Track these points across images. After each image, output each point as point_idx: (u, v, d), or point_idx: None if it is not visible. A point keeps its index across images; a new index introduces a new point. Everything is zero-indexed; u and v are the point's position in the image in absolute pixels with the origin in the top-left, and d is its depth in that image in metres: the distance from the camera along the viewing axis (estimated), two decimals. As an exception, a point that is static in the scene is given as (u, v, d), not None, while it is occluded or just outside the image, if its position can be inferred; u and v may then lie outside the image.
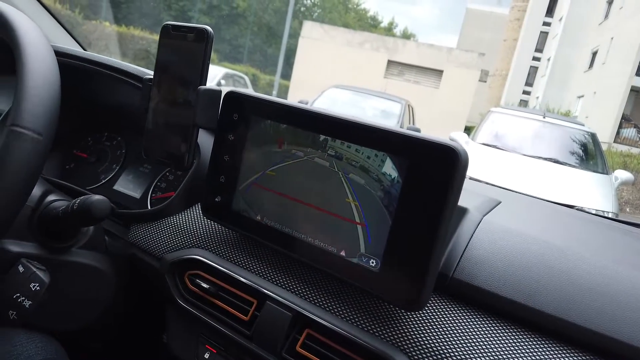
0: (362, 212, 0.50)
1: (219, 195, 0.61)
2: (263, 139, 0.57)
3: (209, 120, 0.61)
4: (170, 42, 0.64)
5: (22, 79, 0.47)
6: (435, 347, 0.48)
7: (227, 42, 20.94)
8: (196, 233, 0.66)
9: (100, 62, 0.81)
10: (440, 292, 0.52)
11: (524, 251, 0.54)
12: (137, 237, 0.70)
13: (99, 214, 0.55)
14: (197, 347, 0.64)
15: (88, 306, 0.66)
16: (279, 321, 0.54)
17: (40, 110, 0.46)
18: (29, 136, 0.45)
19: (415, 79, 16.43)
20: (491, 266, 0.52)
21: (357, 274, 0.50)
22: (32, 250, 0.58)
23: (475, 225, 0.57)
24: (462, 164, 0.44)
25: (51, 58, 0.51)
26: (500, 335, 0.48)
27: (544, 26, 35.19)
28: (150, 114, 0.66)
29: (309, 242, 0.54)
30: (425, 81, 16.34)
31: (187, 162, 0.63)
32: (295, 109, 0.55)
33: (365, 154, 0.50)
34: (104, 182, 0.88)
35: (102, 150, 0.93)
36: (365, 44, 16.72)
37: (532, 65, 36.17)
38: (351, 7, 39.86)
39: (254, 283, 0.58)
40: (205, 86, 0.60)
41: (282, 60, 15.19)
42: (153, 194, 0.84)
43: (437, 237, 0.45)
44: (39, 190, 0.61)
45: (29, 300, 0.52)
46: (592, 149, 4.58)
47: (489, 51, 38.57)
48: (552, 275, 0.50)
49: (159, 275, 0.64)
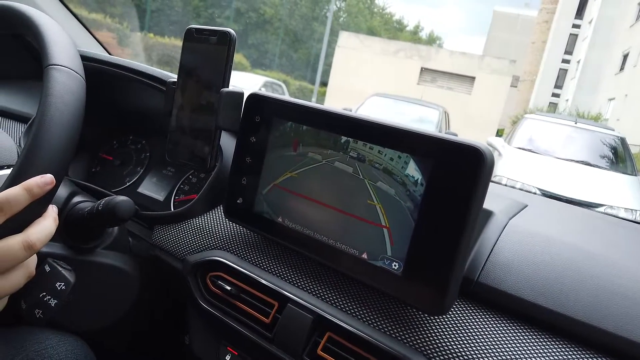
0: (385, 214, 0.49)
1: (240, 197, 0.61)
2: (285, 140, 0.57)
3: (231, 122, 0.61)
4: (194, 46, 0.64)
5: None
6: (460, 352, 0.46)
7: (255, 47, 21.17)
8: (218, 235, 0.66)
9: (125, 65, 0.82)
10: (465, 297, 0.51)
11: (552, 255, 0.52)
12: (160, 239, 0.70)
13: (123, 215, 0.55)
14: (218, 349, 0.64)
15: (111, 306, 0.66)
16: (300, 324, 0.54)
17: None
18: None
19: (448, 86, 17.06)
20: (518, 270, 0.50)
21: (379, 277, 0.49)
22: (58, 250, 0.59)
23: (501, 229, 0.56)
24: (487, 165, 0.43)
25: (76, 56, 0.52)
26: (527, 341, 0.46)
27: (573, 28, 34.55)
28: (174, 116, 0.67)
29: (331, 244, 0.53)
30: (457, 87, 16.94)
31: (209, 165, 0.63)
32: (317, 111, 0.55)
33: (388, 155, 0.49)
34: (128, 184, 0.90)
35: (127, 153, 0.95)
36: (400, 52, 17.50)
37: (562, 67, 35.49)
38: (377, 12, 39.82)
39: (275, 285, 0.58)
40: (228, 88, 0.60)
41: (321, 67, 15.98)
42: (176, 197, 0.85)
43: (462, 241, 0.43)
44: (65, 192, 0.63)
45: (55, 299, 0.53)
46: (622, 152, 4.80)
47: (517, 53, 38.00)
48: (581, 280, 0.49)
49: (181, 276, 0.65)
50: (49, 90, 0.48)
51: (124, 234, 0.68)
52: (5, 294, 0.46)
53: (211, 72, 0.62)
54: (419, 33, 46.75)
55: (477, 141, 0.44)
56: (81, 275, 0.59)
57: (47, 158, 0.46)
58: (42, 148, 0.46)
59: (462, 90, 16.81)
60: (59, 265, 0.56)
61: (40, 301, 0.53)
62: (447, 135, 0.46)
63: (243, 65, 15.69)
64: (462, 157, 0.44)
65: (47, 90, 0.48)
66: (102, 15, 5.15)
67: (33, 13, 0.55)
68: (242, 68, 15.02)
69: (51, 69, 0.50)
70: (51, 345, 0.60)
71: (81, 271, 0.59)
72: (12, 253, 0.44)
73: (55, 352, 0.60)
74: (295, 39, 23.54)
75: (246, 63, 16.78)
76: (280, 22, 22.71)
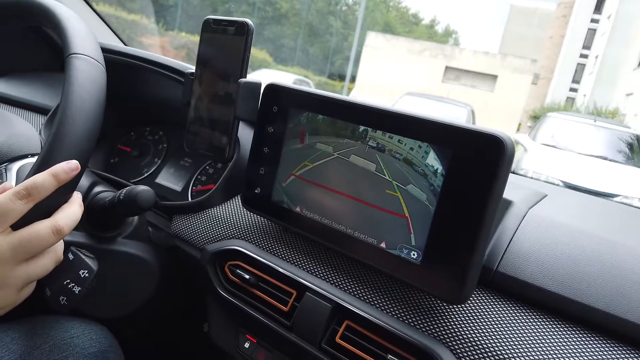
0: (405, 203, 0.49)
1: (258, 187, 0.62)
2: (303, 130, 0.57)
3: (249, 112, 0.61)
4: (212, 36, 0.64)
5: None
6: (479, 341, 0.46)
7: (271, 42, 21.18)
8: (236, 224, 0.66)
9: (143, 57, 0.83)
10: (484, 286, 0.51)
11: (572, 244, 0.52)
12: (179, 228, 0.71)
13: (144, 204, 0.56)
14: (237, 337, 0.64)
15: (132, 294, 0.68)
16: (319, 312, 0.54)
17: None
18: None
19: (471, 84, 18.04)
20: (537, 260, 0.50)
21: (397, 266, 0.49)
22: (80, 239, 0.60)
23: (521, 218, 0.55)
24: (508, 153, 0.42)
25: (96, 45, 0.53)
26: (547, 331, 0.46)
27: (591, 23, 34.13)
28: (192, 107, 0.68)
29: (349, 233, 0.53)
30: (480, 85, 17.92)
31: (228, 155, 0.63)
32: (335, 100, 0.55)
33: (408, 145, 0.49)
34: (146, 175, 0.91)
35: (144, 144, 0.96)
36: (425, 51, 18.55)
37: (580, 62, 35.06)
38: (392, 6, 39.42)
39: (294, 274, 0.58)
40: (246, 79, 0.61)
41: (351, 66, 16.68)
42: (194, 187, 0.85)
43: (482, 230, 0.43)
44: (87, 182, 0.64)
45: (79, 286, 0.54)
46: (638, 148, 5.31)
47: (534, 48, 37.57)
48: (602, 270, 0.48)
49: (200, 265, 0.66)
50: (71, 79, 0.49)
51: (144, 223, 0.69)
52: (35, 278, 0.47)
53: (229, 62, 0.63)
54: (435, 27, 46.26)
55: (497, 130, 0.44)
56: (103, 263, 0.60)
57: (72, 145, 0.47)
58: (67, 135, 0.47)
59: (484, 88, 17.69)
60: (82, 254, 0.57)
61: (65, 288, 0.54)
62: (467, 124, 0.46)
63: (267, 62, 15.77)
64: (483, 146, 0.43)
65: (69, 79, 0.49)
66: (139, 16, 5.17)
67: (52, 4, 0.56)
68: (265, 65, 15.09)
69: (73, 58, 0.50)
70: (77, 334, 0.62)
71: (103, 259, 0.60)
72: (41, 237, 0.45)
73: (81, 341, 0.61)
74: (311, 33, 23.52)
75: (270, 60, 16.89)
76: (296, 16, 22.74)
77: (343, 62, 19.72)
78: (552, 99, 32.54)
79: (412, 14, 44.06)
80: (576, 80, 35.30)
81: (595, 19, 33.91)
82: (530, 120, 18.61)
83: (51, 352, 0.58)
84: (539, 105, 24.58)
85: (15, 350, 0.57)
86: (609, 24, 28.40)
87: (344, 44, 22.78)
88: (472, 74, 18.06)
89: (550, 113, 6.37)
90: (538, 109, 20.10)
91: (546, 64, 41.55)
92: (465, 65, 18.09)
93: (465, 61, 18.14)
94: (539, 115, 16.37)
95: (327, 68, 18.59)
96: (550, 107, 20.50)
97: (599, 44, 30.28)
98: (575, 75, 35.45)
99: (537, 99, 36.85)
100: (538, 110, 19.77)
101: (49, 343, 0.59)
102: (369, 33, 19.54)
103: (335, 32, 21.33)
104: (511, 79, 17.35)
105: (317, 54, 23.04)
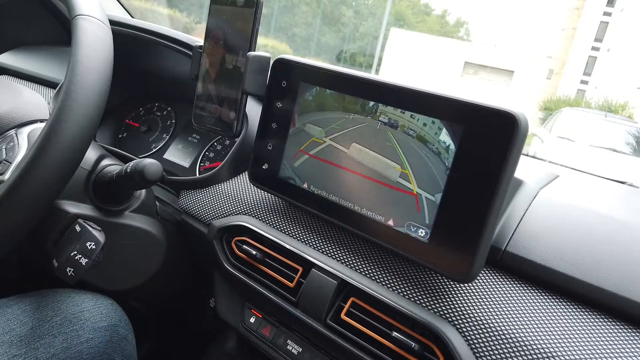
0: (414, 180, 0.48)
1: (266, 163, 0.61)
2: (311, 106, 0.57)
3: (257, 87, 0.61)
4: (221, 9, 0.63)
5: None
6: (486, 320, 0.46)
7: (283, 31, 21.06)
8: (243, 200, 0.66)
9: (150, 29, 0.82)
10: (492, 266, 0.51)
11: (583, 225, 0.51)
12: (187, 204, 0.71)
13: (152, 176, 0.56)
14: (242, 312, 0.65)
15: (139, 268, 0.68)
16: (324, 289, 0.54)
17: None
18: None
19: (488, 78, 19.26)
20: (547, 240, 0.49)
21: (405, 244, 0.49)
22: (88, 212, 0.61)
23: (532, 198, 0.55)
24: (522, 130, 0.41)
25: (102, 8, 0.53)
26: (555, 311, 0.45)
27: (604, 16, 33.67)
28: (200, 81, 0.67)
29: (357, 210, 0.53)
30: (497, 80, 19.15)
31: (236, 130, 0.63)
32: (346, 75, 0.54)
33: (421, 120, 0.48)
34: (154, 151, 0.91)
35: (152, 120, 0.95)
36: (445, 47, 19.77)
37: (591, 55, 34.67)
38: (404, -5, 38.82)
39: (300, 250, 0.58)
40: (255, 52, 0.60)
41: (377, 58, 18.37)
42: (201, 164, 0.85)
43: (492, 207, 0.43)
44: (94, 155, 0.64)
45: (85, 258, 0.54)
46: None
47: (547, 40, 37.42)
48: (613, 251, 0.47)
49: (207, 240, 0.66)
50: (79, 39, 0.48)
51: (151, 198, 0.69)
52: None
53: (238, 35, 0.62)
54: (446, 17, 45.53)
55: (511, 106, 0.43)
56: (110, 236, 0.60)
57: (84, 103, 0.46)
58: (79, 93, 0.46)
59: (501, 82, 18.90)
60: (90, 226, 0.57)
61: (72, 259, 0.54)
62: (480, 100, 0.45)
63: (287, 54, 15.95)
64: (496, 122, 0.42)
65: (76, 39, 0.49)
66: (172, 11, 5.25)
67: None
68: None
69: (79, 19, 0.50)
70: (87, 308, 0.62)
71: (110, 232, 0.60)
72: None
73: (91, 315, 0.62)
74: (324, 22, 23.36)
75: (289, 51, 16.96)
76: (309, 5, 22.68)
77: (355, 52, 20.08)
78: (562, 91, 32.31)
79: (423, 3, 43.42)
80: (587, 72, 35.10)
81: (608, 12, 33.66)
82: (540, 111, 18.83)
83: (61, 325, 0.59)
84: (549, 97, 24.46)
85: (26, 323, 0.57)
86: (621, 17, 28.23)
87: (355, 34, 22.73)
88: (489, 69, 19.16)
89: (564, 108, 7.18)
90: (547, 101, 20.20)
91: (558, 57, 41.03)
92: (484, 61, 19.16)
93: (483, 57, 19.23)
94: (549, 107, 16.77)
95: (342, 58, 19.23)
96: (560, 99, 20.71)
97: (611, 37, 30.21)
98: (587, 68, 35.19)
99: (548, 90, 36.51)
100: (547, 102, 19.85)
101: (59, 316, 0.60)
102: (392, 29, 20.63)
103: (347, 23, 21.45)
104: (527, 74, 18.31)
105: (328, 43, 22.99)
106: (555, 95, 27.00)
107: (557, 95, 27.13)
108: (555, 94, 29.03)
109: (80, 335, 0.59)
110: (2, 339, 0.55)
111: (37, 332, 0.57)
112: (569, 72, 35.59)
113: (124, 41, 0.85)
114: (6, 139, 0.59)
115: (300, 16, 22.14)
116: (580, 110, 7.10)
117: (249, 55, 0.59)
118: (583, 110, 7.28)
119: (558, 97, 24.01)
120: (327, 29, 23.48)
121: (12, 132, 0.60)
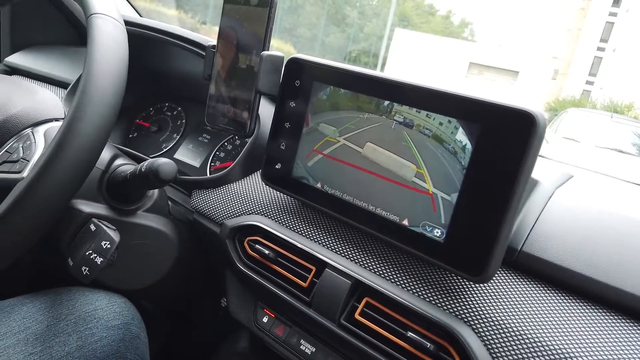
0: (430, 180, 0.48)
1: (279, 163, 0.61)
2: (325, 105, 0.57)
3: (271, 86, 0.61)
4: (234, 8, 0.63)
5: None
6: (502, 320, 0.46)
7: (288, 32, 21.13)
8: (256, 200, 0.66)
9: (162, 29, 0.82)
10: (507, 266, 0.50)
11: (599, 225, 0.50)
12: (199, 203, 0.71)
13: (166, 176, 0.56)
14: (255, 312, 0.65)
15: (152, 267, 0.68)
16: (338, 288, 0.54)
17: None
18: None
19: (493, 78, 19.30)
20: (564, 240, 0.49)
21: (420, 244, 0.49)
22: (102, 211, 0.61)
23: (547, 198, 0.54)
24: (539, 130, 0.41)
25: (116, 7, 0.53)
26: (572, 311, 0.45)
27: (610, 16, 33.53)
28: (213, 81, 0.67)
29: (371, 210, 0.53)
30: (502, 80, 19.11)
31: (249, 129, 0.63)
32: (360, 74, 0.54)
33: (437, 120, 0.48)
34: (165, 150, 0.91)
35: (163, 120, 0.96)
36: (449, 48, 19.87)
37: (597, 55, 34.52)
38: (409, -4, 38.84)
39: (313, 250, 0.58)
40: (269, 51, 0.60)
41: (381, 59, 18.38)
42: (212, 164, 0.85)
43: (509, 207, 0.42)
44: (108, 154, 0.64)
45: (100, 257, 0.55)
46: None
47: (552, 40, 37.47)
48: (630, 252, 0.47)
49: (219, 240, 0.66)
50: (94, 38, 0.49)
51: (164, 197, 0.69)
52: None
53: (251, 35, 0.62)
54: (451, 18, 45.48)
55: (529, 105, 0.42)
56: (124, 235, 0.60)
57: (100, 102, 0.47)
58: (95, 92, 0.46)
59: (506, 82, 18.90)
60: (104, 225, 0.57)
61: (87, 259, 0.55)
62: (496, 98, 0.44)
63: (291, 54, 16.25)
64: (513, 121, 0.42)
65: (92, 38, 0.49)
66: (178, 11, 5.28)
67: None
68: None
69: (95, 18, 0.50)
70: (101, 306, 0.62)
71: (123, 232, 0.60)
72: None
73: (105, 314, 0.62)
74: (328, 23, 23.42)
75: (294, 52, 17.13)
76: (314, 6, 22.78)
77: (359, 53, 20.15)
78: (568, 91, 32.25)
79: (427, 4, 43.39)
80: (593, 73, 34.95)
81: (614, 12, 33.51)
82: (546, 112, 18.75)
83: (76, 323, 0.59)
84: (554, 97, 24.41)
85: (41, 321, 0.58)
86: (627, 18, 28.16)
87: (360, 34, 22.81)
88: (494, 70, 19.30)
89: (570, 109, 7.15)
90: (553, 101, 20.15)
91: (563, 57, 40.91)
92: (489, 61, 19.16)
93: (488, 57, 19.17)
94: (554, 107, 16.56)
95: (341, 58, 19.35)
96: (566, 100, 20.58)
97: (616, 38, 30.10)
98: (592, 68, 35.06)
99: (553, 90, 36.43)
100: (553, 102, 19.79)
101: (74, 314, 0.60)
102: (397, 30, 20.58)
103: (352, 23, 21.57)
104: (532, 74, 18.39)
105: (332, 44, 23.05)
106: (561, 96, 26.96)
107: (562, 95, 27.08)
108: (560, 95, 28.98)
109: (94, 333, 0.59)
110: (19, 337, 0.55)
111: (52, 331, 0.57)
112: (574, 73, 35.44)
113: (135, 41, 0.85)
114: (22, 138, 0.59)
115: (304, 17, 22.20)
116: (586, 110, 7.12)
117: (263, 54, 0.59)
118: (589, 110, 7.29)
119: (563, 97, 23.94)
120: (331, 30, 23.56)
121: (28, 130, 0.60)
